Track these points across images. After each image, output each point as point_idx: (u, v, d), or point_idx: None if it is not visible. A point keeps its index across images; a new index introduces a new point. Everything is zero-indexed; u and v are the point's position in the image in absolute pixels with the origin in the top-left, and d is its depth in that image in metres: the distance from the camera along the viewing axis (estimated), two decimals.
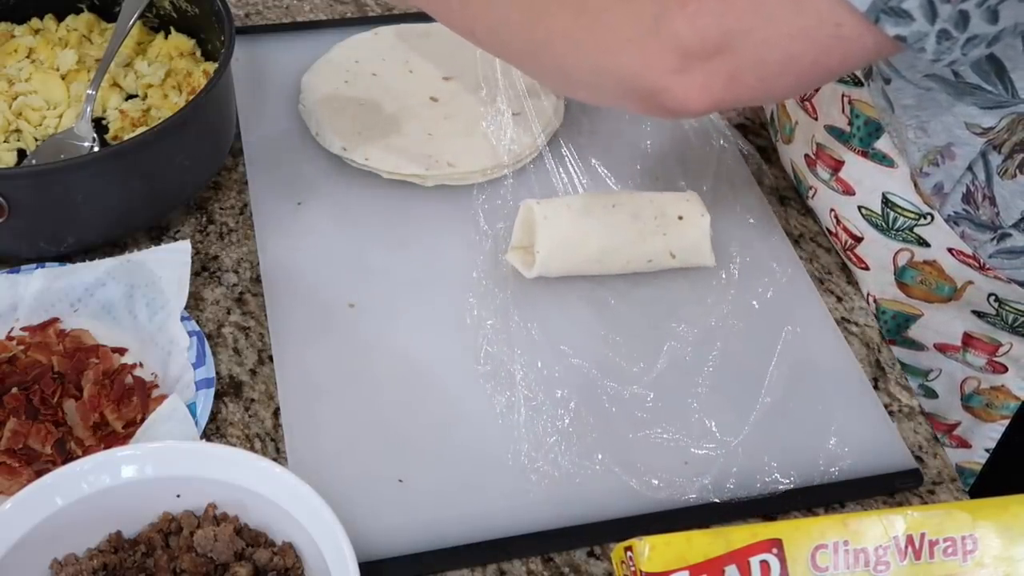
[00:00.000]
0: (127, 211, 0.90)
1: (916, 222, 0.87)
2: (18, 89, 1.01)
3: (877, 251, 0.92)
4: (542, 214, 0.89)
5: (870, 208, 0.90)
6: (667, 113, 0.69)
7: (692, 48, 0.65)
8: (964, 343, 0.93)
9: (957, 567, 0.61)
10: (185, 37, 1.04)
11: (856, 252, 0.94)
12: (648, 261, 0.92)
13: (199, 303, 0.89)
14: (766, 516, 0.79)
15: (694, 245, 0.92)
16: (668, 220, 0.91)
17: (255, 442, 0.81)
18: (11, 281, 0.86)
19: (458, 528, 0.76)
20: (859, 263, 0.94)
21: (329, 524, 0.66)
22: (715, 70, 0.65)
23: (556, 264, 0.90)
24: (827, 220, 0.96)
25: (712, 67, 0.65)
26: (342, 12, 1.18)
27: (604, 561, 0.76)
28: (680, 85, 0.66)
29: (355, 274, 0.92)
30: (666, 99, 0.67)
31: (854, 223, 0.92)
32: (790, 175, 1.03)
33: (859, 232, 0.92)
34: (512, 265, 0.91)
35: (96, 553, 0.68)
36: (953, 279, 0.89)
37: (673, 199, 0.93)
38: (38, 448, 0.77)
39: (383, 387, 0.84)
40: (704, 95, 0.67)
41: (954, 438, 1.00)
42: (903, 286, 0.92)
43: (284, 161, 1.00)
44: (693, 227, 0.92)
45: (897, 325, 0.95)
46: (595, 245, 0.90)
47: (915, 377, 0.98)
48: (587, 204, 0.91)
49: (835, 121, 0.91)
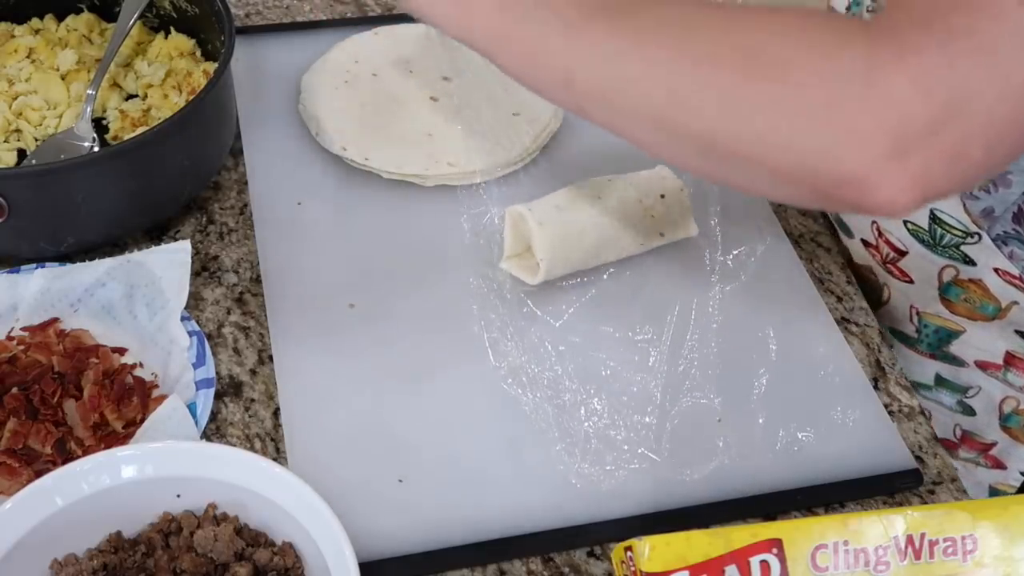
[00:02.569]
0: (127, 211, 0.90)
1: (963, 240, 0.86)
2: (18, 89, 1.01)
3: (922, 265, 0.91)
4: (536, 221, 0.89)
5: (917, 224, 0.89)
6: (861, 210, 0.53)
7: (915, 117, 0.49)
8: (1006, 362, 0.92)
9: (957, 567, 0.61)
10: (185, 37, 1.04)
11: (898, 265, 0.93)
12: (641, 244, 0.92)
13: (199, 303, 0.89)
14: (766, 516, 0.79)
15: (680, 219, 0.93)
16: (652, 200, 0.92)
17: (255, 442, 0.81)
18: (11, 281, 0.86)
19: (458, 528, 0.76)
20: (901, 276, 0.93)
21: (329, 524, 0.66)
22: (938, 149, 0.50)
23: (559, 268, 0.90)
24: (866, 232, 0.95)
25: (935, 145, 0.50)
26: (342, 12, 1.18)
27: (604, 561, 0.76)
28: (892, 176, 0.50)
29: (355, 274, 0.92)
30: (867, 193, 0.51)
31: (897, 236, 0.91)
32: None
33: (903, 246, 0.91)
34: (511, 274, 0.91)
35: (96, 553, 0.68)
36: (998, 299, 0.88)
37: (649, 178, 0.94)
38: (38, 448, 0.77)
39: (383, 387, 0.84)
40: (918, 188, 0.50)
41: (989, 458, 0.98)
42: (947, 302, 0.91)
43: (284, 161, 1.00)
44: (676, 202, 0.93)
45: (939, 339, 0.94)
46: (591, 240, 0.90)
47: (954, 393, 0.97)
48: (574, 200, 0.91)
49: None
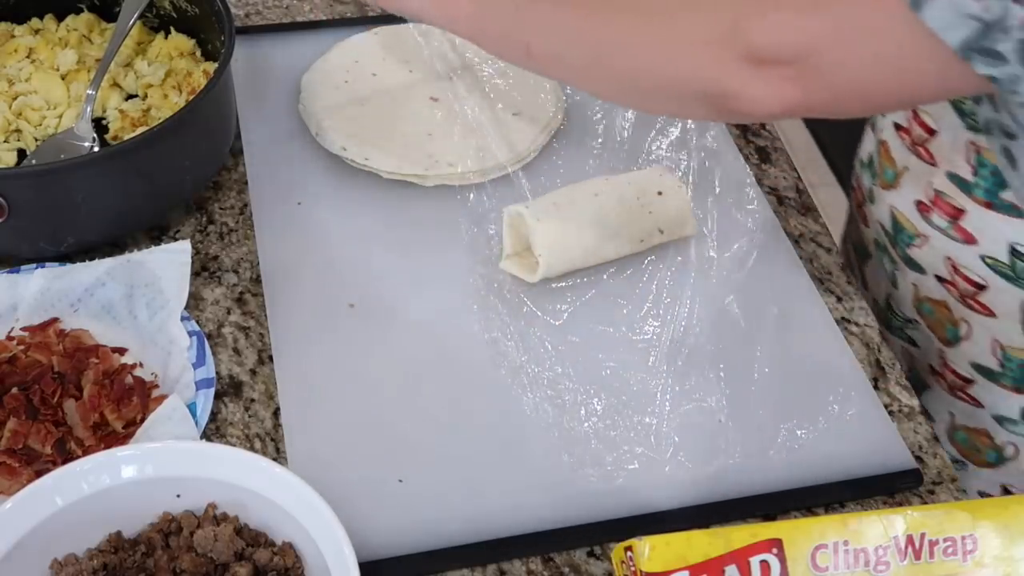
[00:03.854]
0: (127, 211, 0.90)
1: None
2: (18, 89, 1.01)
3: (1003, 299, 0.90)
4: (534, 217, 0.89)
5: (996, 258, 0.89)
6: (739, 116, 0.70)
7: (766, 58, 0.65)
8: None
9: (957, 567, 0.61)
10: (185, 37, 1.04)
11: (979, 299, 0.92)
12: (640, 241, 0.92)
13: (199, 303, 0.89)
14: (766, 516, 0.79)
15: (678, 216, 0.93)
16: (650, 197, 0.93)
17: (255, 442, 0.81)
18: (11, 281, 0.86)
19: (458, 528, 0.76)
20: (983, 310, 0.93)
21: (329, 524, 0.66)
22: (788, 77, 0.66)
23: (558, 264, 0.90)
24: (940, 268, 0.94)
25: (785, 74, 0.65)
26: (342, 12, 1.18)
27: (604, 561, 0.76)
28: (754, 88, 0.67)
29: (355, 274, 0.92)
30: (739, 101, 0.68)
31: (976, 271, 0.91)
32: (883, 224, 1.00)
33: (983, 280, 0.91)
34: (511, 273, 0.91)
35: (96, 553, 0.68)
36: None
37: (648, 176, 0.94)
38: (38, 448, 0.77)
39: (383, 387, 0.84)
40: (776, 99, 0.67)
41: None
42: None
43: (284, 161, 1.00)
44: (675, 199, 0.93)
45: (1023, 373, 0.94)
46: (590, 237, 0.90)
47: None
48: (572, 198, 0.92)
49: (958, 169, 0.89)
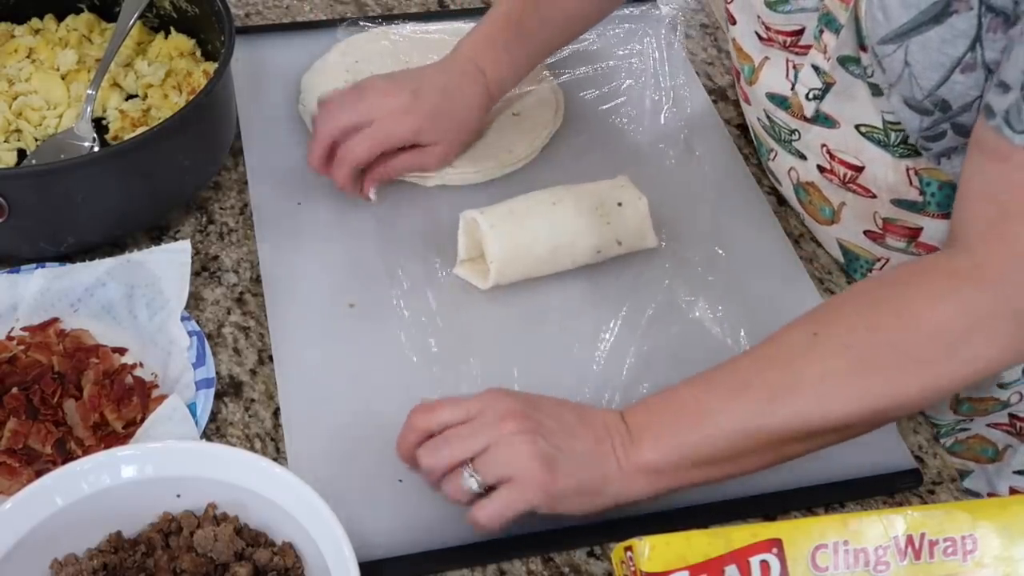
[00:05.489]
0: (127, 211, 0.90)
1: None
2: (18, 89, 1.01)
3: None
4: (488, 223, 0.89)
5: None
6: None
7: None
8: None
9: (957, 567, 0.61)
10: (185, 37, 1.04)
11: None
12: (597, 252, 0.92)
13: (199, 303, 0.89)
14: (766, 516, 0.79)
15: (637, 229, 0.93)
16: (609, 209, 0.92)
17: (255, 442, 0.81)
18: (11, 281, 0.86)
19: (458, 528, 0.76)
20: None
21: (329, 524, 0.66)
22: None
23: (510, 272, 0.90)
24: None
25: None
26: (342, 12, 1.18)
27: (604, 561, 0.76)
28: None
29: (355, 274, 0.92)
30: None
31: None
32: (833, 255, 0.98)
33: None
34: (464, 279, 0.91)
35: (96, 553, 0.68)
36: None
37: (609, 187, 0.93)
38: (38, 448, 0.77)
39: (383, 387, 0.84)
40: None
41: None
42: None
43: (284, 161, 1.00)
44: (633, 211, 0.92)
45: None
46: (544, 245, 0.90)
47: None
48: (528, 206, 0.91)
49: (903, 195, 0.87)
